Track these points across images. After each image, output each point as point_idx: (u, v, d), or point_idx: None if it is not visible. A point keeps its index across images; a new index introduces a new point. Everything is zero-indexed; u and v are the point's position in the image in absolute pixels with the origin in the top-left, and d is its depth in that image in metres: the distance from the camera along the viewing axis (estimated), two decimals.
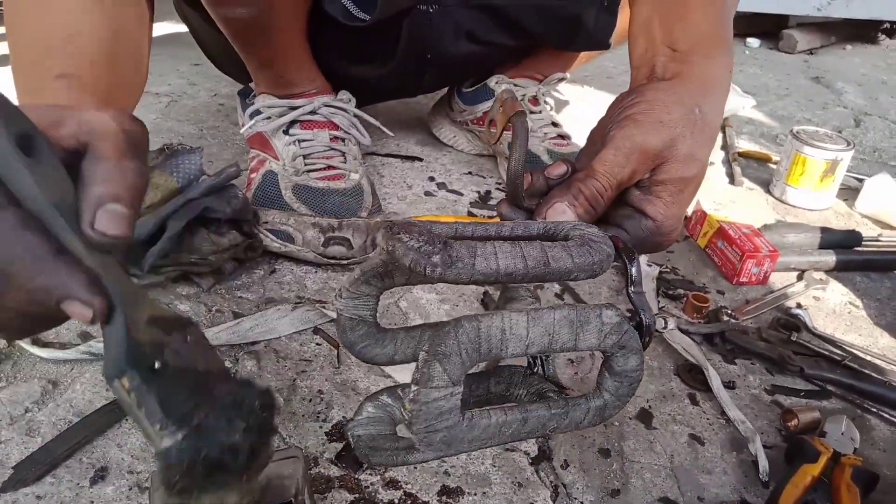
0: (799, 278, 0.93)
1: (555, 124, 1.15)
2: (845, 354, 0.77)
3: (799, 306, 0.87)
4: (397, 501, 0.56)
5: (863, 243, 0.99)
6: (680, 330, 0.78)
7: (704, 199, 1.02)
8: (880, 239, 1.02)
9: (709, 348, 0.78)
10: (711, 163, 1.29)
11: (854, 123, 1.60)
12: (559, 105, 1.35)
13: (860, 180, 1.17)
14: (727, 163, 1.29)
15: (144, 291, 0.35)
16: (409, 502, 0.56)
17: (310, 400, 0.65)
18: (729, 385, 0.71)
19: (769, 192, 1.19)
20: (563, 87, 1.25)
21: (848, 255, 0.96)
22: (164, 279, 0.77)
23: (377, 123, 1.00)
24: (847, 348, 0.78)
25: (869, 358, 0.77)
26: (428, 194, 1.09)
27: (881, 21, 2.30)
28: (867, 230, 1.05)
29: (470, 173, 1.16)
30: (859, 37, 2.35)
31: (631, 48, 0.57)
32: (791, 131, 1.14)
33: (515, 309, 0.34)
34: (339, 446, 0.60)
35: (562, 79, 1.19)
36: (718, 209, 1.02)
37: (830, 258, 0.95)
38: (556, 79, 1.18)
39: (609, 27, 1.04)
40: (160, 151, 0.80)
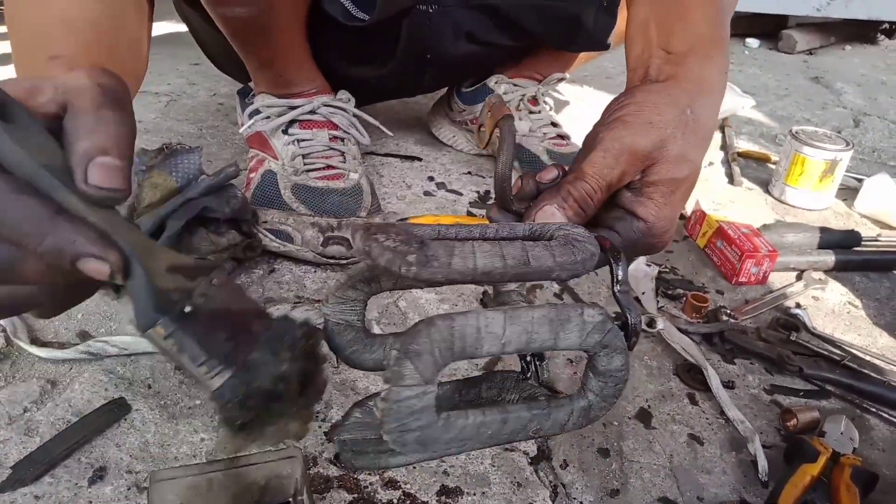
0: (798, 278, 0.93)
1: (554, 124, 1.15)
2: (844, 354, 0.77)
3: (798, 306, 0.87)
4: (396, 501, 0.56)
5: (862, 243, 0.99)
6: (679, 330, 0.78)
7: (704, 199, 1.02)
8: (879, 239, 1.02)
9: (708, 348, 0.78)
10: (710, 163, 1.29)
11: (853, 123, 1.60)
12: (559, 105, 1.35)
13: (859, 180, 1.17)
14: (726, 163, 1.29)
15: (154, 242, 0.35)
16: (408, 502, 0.56)
17: None
18: (728, 385, 0.71)
19: (768, 192, 1.19)
20: (563, 88, 1.25)
21: (847, 255, 0.96)
22: None
23: (376, 123, 1.00)
24: (846, 348, 0.78)
25: (868, 358, 0.77)
26: (427, 194, 1.09)
27: (880, 21, 2.31)
28: (866, 230, 1.05)
29: (469, 173, 1.16)
30: (859, 37, 2.36)
31: (627, 51, 0.57)
32: (790, 131, 1.14)
33: (494, 308, 0.34)
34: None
35: (561, 79, 1.19)
36: (718, 209, 1.02)
37: (829, 258, 0.95)
38: (556, 79, 1.18)
39: (608, 27, 1.04)
40: (159, 151, 0.80)
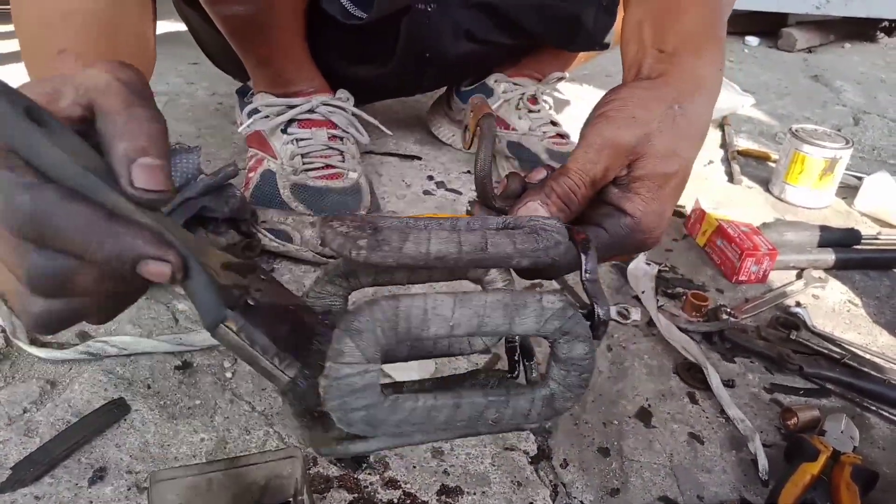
0: (798, 277, 0.93)
1: (554, 123, 1.15)
2: (844, 353, 0.77)
3: (798, 305, 0.87)
4: (396, 501, 0.55)
5: (862, 241, 0.99)
6: (679, 328, 0.78)
7: (703, 198, 1.02)
8: (879, 237, 1.02)
9: (708, 347, 0.78)
10: (710, 161, 1.29)
11: (853, 122, 1.60)
12: (559, 104, 1.34)
13: (859, 178, 1.17)
14: (726, 161, 1.29)
15: (205, 240, 0.35)
16: (409, 502, 0.55)
17: None
18: (728, 384, 0.71)
19: (768, 191, 1.19)
20: (563, 87, 1.25)
21: (847, 254, 0.96)
22: None
23: (376, 122, 1.00)
24: (846, 346, 0.78)
25: (868, 356, 0.77)
26: (427, 193, 1.08)
27: (880, 19, 2.30)
28: (866, 228, 1.05)
29: (469, 172, 1.16)
30: (858, 35, 2.35)
31: (623, 51, 0.57)
32: (790, 129, 1.14)
33: (445, 292, 0.34)
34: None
35: (561, 78, 1.19)
36: (717, 208, 1.02)
37: (829, 256, 0.95)
38: (556, 78, 1.18)
39: (608, 27, 1.04)
40: None
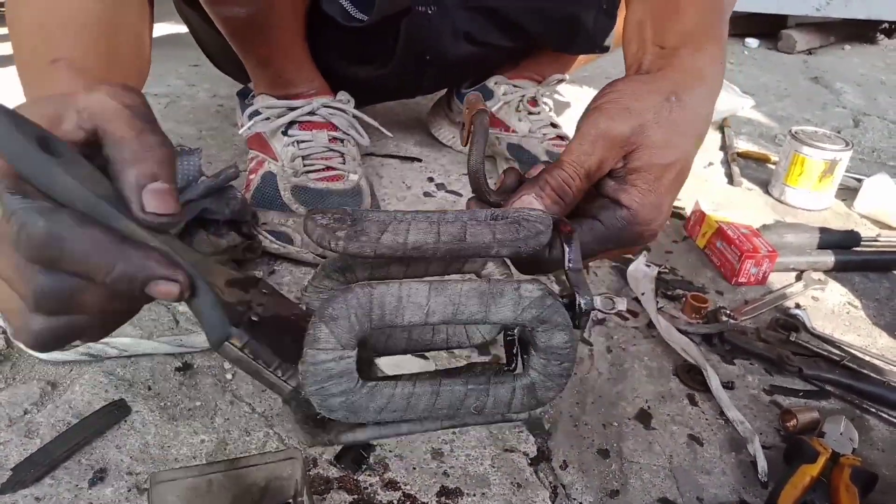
0: (798, 278, 0.93)
1: (554, 125, 1.15)
2: (844, 355, 0.77)
3: (798, 306, 0.87)
4: (396, 502, 0.56)
5: (861, 243, 0.99)
6: (679, 330, 0.78)
7: (703, 200, 1.02)
8: (879, 239, 1.02)
9: (708, 349, 0.78)
10: (710, 163, 1.29)
11: (853, 123, 1.60)
12: (559, 106, 1.35)
13: (859, 180, 1.17)
14: (726, 163, 1.29)
15: (210, 259, 0.36)
16: (408, 503, 0.56)
17: None
18: (728, 385, 0.71)
19: (768, 193, 1.19)
20: (563, 89, 1.25)
21: (846, 256, 0.96)
22: None
23: (376, 124, 1.00)
24: (846, 348, 0.79)
25: (868, 358, 0.77)
26: (427, 195, 1.09)
27: (880, 21, 2.30)
28: (866, 230, 1.05)
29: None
30: (858, 37, 2.35)
31: (625, 50, 0.58)
32: (790, 131, 1.14)
33: (419, 279, 0.34)
34: (339, 447, 0.60)
35: (561, 80, 1.19)
36: (717, 209, 1.02)
37: (829, 258, 0.95)
38: (556, 80, 1.18)
39: (608, 29, 1.04)
40: None
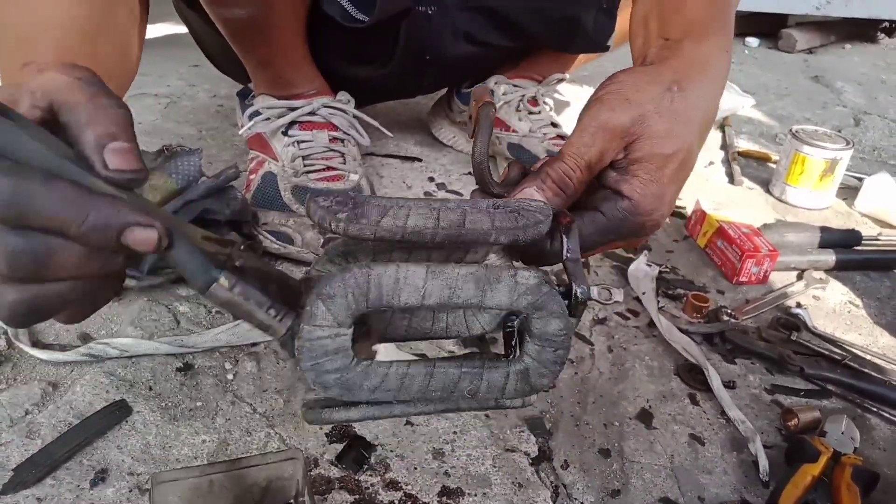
0: (799, 278, 0.93)
1: (554, 125, 1.15)
2: (845, 354, 0.77)
3: (799, 306, 0.87)
4: (397, 502, 0.56)
5: (862, 242, 0.99)
6: (680, 330, 0.78)
7: (704, 199, 1.02)
8: (880, 238, 1.02)
9: (709, 348, 0.78)
10: (711, 162, 1.29)
11: (853, 122, 1.60)
12: (559, 106, 1.35)
13: (860, 179, 1.17)
14: (727, 162, 1.29)
15: (179, 218, 0.36)
16: (410, 503, 0.56)
17: None
18: (729, 385, 0.71)
19: (769, 192, 1.19)
20: (563, 88, 1.25)
21: (847, 255, 0.96)
22: (164, 280, 0.77)
23: (376, 124, 1.00)
24: (847, 347, 0.79)
25: (869, 357, 0.77)
26: (428, 195, 1.09)
27: (880, 20, 2.30)
28: (867, 229, 1.05)
29: (469, 173, 1.16)
30: (859, 36, 2.35)
31: (631, 46, 0.58)
32: (790, 130, 1.14)
33: (418, 262, 0.34)
34: (340, 447, 0.60)
35: (561, 79, 1.19)
36: (718, 209, 1.02)
37: (830, 257, 0.95)
38: (556, 79, 1.18)
39: (608, 29, 1.04)
40: (159, 153, 0.80)
